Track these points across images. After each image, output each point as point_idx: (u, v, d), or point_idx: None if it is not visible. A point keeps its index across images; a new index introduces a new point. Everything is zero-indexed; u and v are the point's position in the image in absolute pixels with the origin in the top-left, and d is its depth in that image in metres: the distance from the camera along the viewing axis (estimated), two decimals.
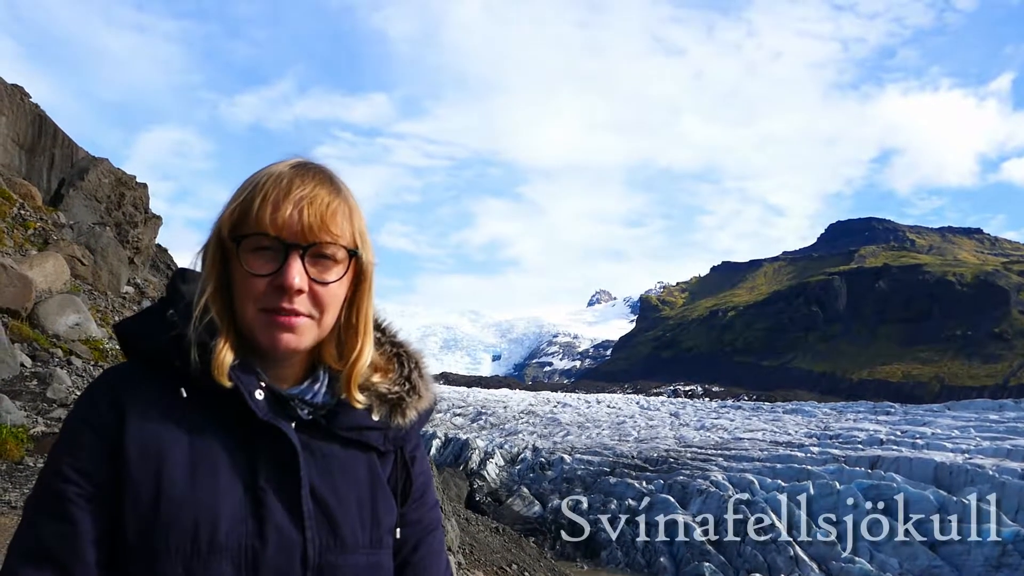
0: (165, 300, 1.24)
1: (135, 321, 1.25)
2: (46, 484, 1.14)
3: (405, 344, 1.37)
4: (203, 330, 1.17)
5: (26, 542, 1.12)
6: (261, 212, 1.16)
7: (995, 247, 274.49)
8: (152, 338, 1.20)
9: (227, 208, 1.19)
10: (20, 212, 16.76)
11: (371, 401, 1.28)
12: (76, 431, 1.16)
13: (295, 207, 1.16)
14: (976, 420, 33.27)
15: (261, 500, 1.15)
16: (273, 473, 1.17)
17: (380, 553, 1.24)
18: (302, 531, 1.16)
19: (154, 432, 1.14)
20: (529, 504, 27.46)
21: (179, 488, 1.12)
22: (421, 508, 1.37)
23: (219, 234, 1.19)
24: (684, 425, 41.38)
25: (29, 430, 7.92)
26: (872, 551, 19.75)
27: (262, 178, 1.19)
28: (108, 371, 1.23)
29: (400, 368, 1.33)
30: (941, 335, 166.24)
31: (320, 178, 1.21)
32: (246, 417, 1.17)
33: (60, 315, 12.01)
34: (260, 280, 1.16)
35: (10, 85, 19.51)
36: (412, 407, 1.31)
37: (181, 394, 1.18)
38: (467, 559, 13.21)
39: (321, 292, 1.19)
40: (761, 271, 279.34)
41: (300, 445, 1.19)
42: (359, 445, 1.27)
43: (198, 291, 1.19)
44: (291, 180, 1.18)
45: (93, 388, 1.20)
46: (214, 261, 1.19)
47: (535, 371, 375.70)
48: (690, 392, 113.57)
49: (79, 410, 1.18)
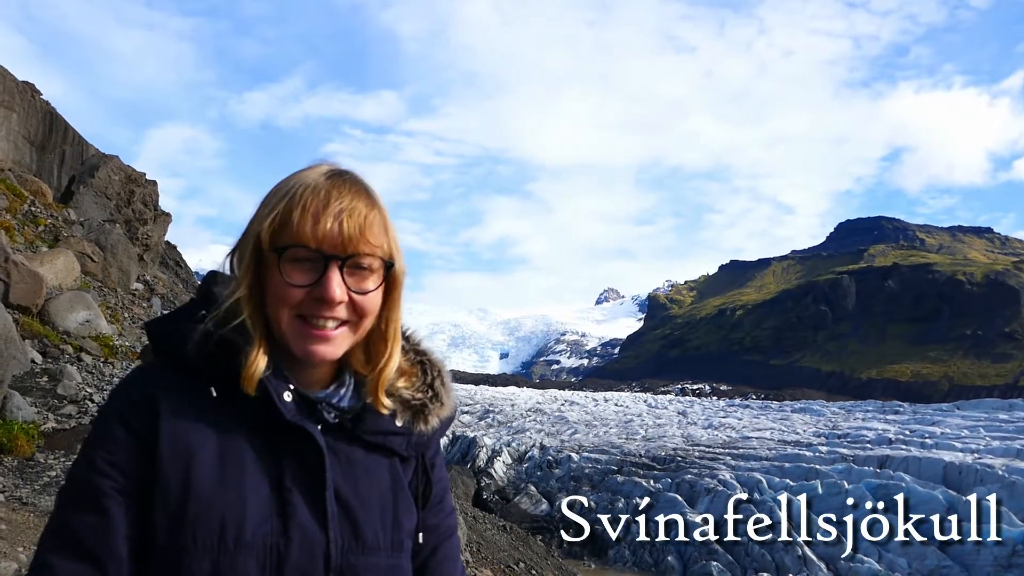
0: (197, 301, 1.27)
1: (167, 321, 1.27)
2: (80, 477, 1.16)
3: (428, 352, 1.40)
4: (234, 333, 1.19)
5: (59, 534, 1.14)
6: (301, 224, 1.17)
7: (1006, 246, 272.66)
8: (184, 339, 1.21)
9: (264, 217, 1.20)
10: (31, 209, 16.84)
11: (395, 407, 1.31)
12: (111, 426, 1.18)
13: (335, 220, 1.18)
14: (986, 420, 33.05)
15: (287, 499, 1.18)
16: (299, 474, 1.20)
17: (400, 556, 1.27)
18: (325, 531, 1.19)
19: (185, 431, 1.17)
20: (536, 502, 27.45)
21: (208, 486, 1.14)
22: (440, 513, 1.40)
23: (256, 241, 1.20)
24: (692, 424, 41.29)
25: (40, 426, 7.96)
26: (880, 551, 19.68)
27: (297, 188, 1.20)
28: (141, 368, 1.26)
29: (423, 376, 1.36)
30: (951, 334, 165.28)
31: (356, 189, 1.23)
32: (274, 418, 1.19)
33: (70, 312, 12.07)
34: (298, 290, 1.18)
35: (21, 82, 19.61)
36: (434, 414, 1.34)
37: (211, 394, 1.20)
38: (474, 557, 13.22)
39: (360, 301, 1.21)
40: (770, 270, 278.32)
41: (326, 447, 1.22)
42: (382, 450, 1.30)
43: (228, 294, 1.21)
44: (328, 192, 1.20)
45: (128, 384, 1.22)
46: (248, 267, 1.21)
47: (543, 369, 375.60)
48: (698, 391, 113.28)
49: (112, 406, 1.20)
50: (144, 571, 1.14)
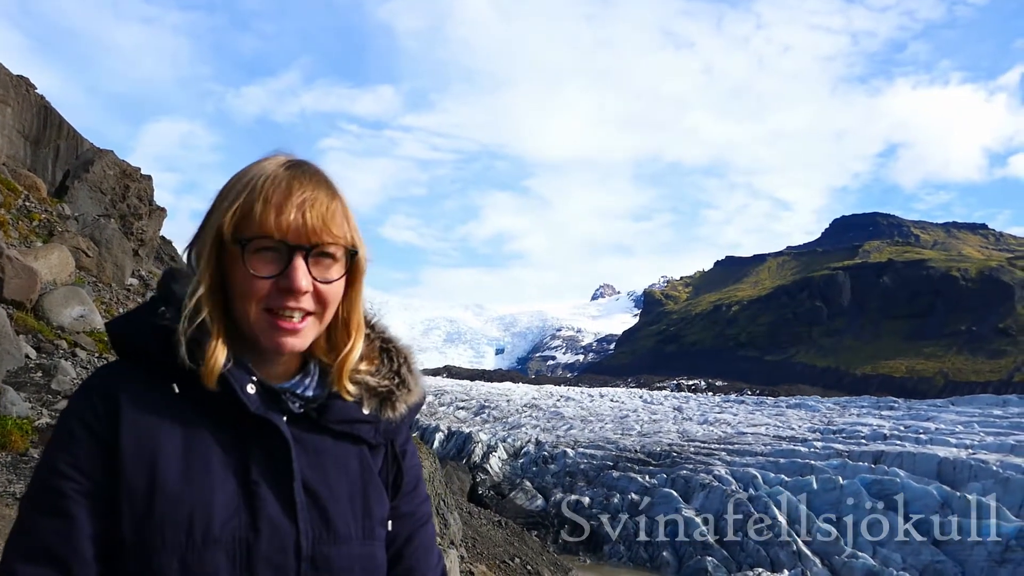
0: (156, 299, 1.26)
1: (126, 319, 1.26)
2: (42, 481, 1.15)
3: (394, 339, 1.40)
4: (195, 329, 1.18)
5: (24, 539, 1.13)
6: (264, 215, 1.17)
7: (1000, 242, 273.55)
8: (144, 336, 1.21)
9: (224, 210, 1.19)
10: (25, 203, 16.78)
11: (361, 394, 1.31)
12: (71, 428, 1.16)
13: (298, 210, 1.18)
14: (980, 415, 33.16)
15: (254, 493, 1.17)
16: (266, 466, 1.19)
17: (373, 544, 1.27)
18: (295, 523, 1.18)
19: (147, 428, 1.16)
20: (532, 498, 27.50)
21: (173, 483, 1.13)
22: (413, 501, 1.40)
23: (218, 235, 1.20)
24: (687, 419, 41.37)
25: (34, 422, 7.94)
26: (875, 546, 19.75)
27: (257, 179, 1.20)
28: (101, 369, 1.25)
29: (390, 363, 1.36)
30: (945, 330, 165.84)
31: (316, 179, 1.23)
32: (238, 411, 1.19)
33: (65, 307, 12.03)
34: (264, 282, 1.18)
35: (16, 76, 19.52)
36: (402, 401, 1.34)
37: (173, 390, 1.19)
38: (470, 552, 13.23)
39: (324, 290, 1.21)
40: (765, 266, 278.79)
41: (292, 438, 1.21)
42: (350, 438, 1.29)
43: (190, 290, 1.20)
44: (289, 182, 1.20)
45: (87, 385, 1.21)
46: (209, 261, 1.20)
47: (538, 365, 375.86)
48: (693, 386, 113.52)
49: (73, 407, 1.19)
50: (112, 571, 1.13)
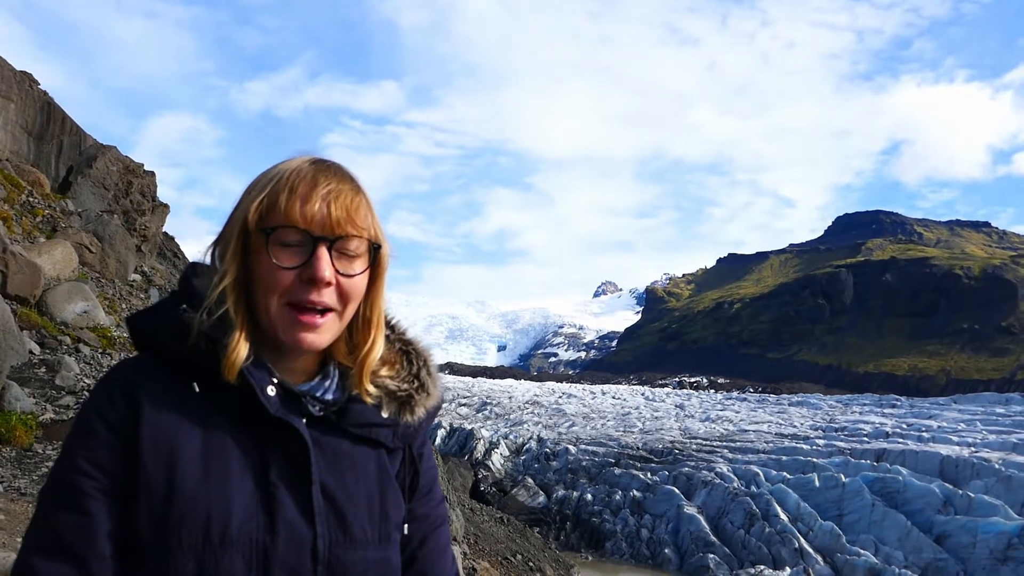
0: (177, 293, 1.24)
1: (148, 314, 1.25)
2: (61, 477, 1.14)
3: (414, 342, 1.39)
4: (216, 325, 1.17)
5: (42, 535, 1.13)
6: (290, 205, 1.17)
7: (1003, 240, 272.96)
8: (165, 332, 1.20)
9: (250, 200, 1.20)
10: (28, 199, 16.80)
11: (381, 398, 1.30)
12: (91, 424, 1.16)
13: (323, 201, 1.18)
14: (982, 414, 33.15)
15: (272, 495, 1.16)
16: (284, 468, 1.19)
17: (388, 548, 1.26)
18: (312, 526, 1.17)
19: (167, 427, 1.15)
20: (534, 494, 27.53)
21: (191, 483, 1.13)
22: (428, 504, 1.39)
23: (243, 226, 1.19)
24: (689, 417, 41.38)
25: (38, 417, 7.96)
26: (877, 543, 19.75)
27: (283, 172, 1.20)
28: (121, 364, 1.24)
29: (409, 365, 1.35)
30: (948, 328, 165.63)
31: (340, 174, 1.23)
32: (258, 413, 1.18)
33: (68, 302, 12.06)
34: (287, 273, 1.17)
35: (19, 72, 19.52)
36: (421, 404, 1.33)
37: (194, 389, 1.19)
38: (472, 549, 13.25)
39: (346, 285, 1.21)
40: (767, 263, 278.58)
41: (311, 441, 1.21)
42: (368, 442, 1.29)
43: (213, 284, 1.20)
44: (314, 175, 1.20)
45: (107, 381, 1.20)
46: (235, 254, 1.20)
47: (540, 362, 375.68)
48: (695, 384, 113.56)
49: (93, 403, 1.18)
50: (129, 569, 1.13)
